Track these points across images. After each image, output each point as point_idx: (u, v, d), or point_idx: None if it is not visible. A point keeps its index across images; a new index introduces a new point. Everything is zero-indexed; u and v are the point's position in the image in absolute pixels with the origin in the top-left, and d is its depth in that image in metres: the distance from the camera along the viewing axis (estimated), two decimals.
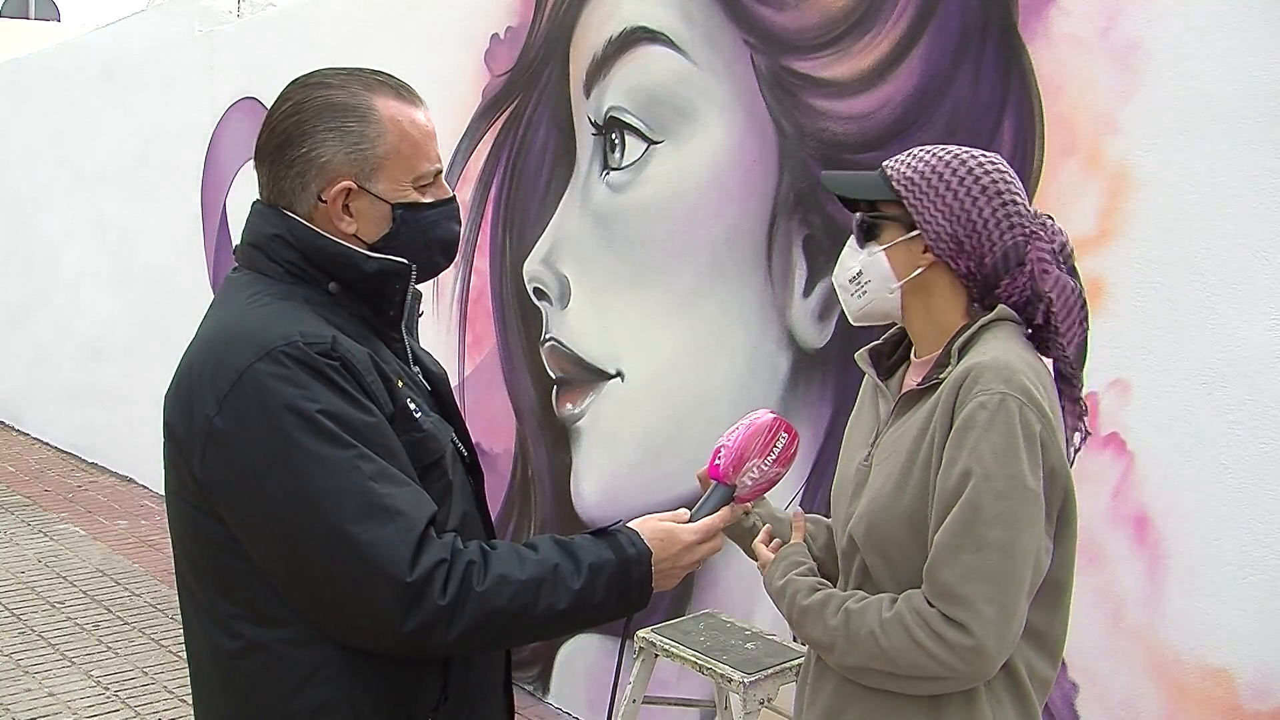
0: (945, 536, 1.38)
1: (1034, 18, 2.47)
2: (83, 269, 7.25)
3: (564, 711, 3.82)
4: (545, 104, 3.75)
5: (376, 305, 1.46)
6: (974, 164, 1.50)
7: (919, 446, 1.46)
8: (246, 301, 1.40)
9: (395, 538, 1.29)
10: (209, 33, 5.91)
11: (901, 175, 1.52)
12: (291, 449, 1.28)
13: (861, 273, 1.56)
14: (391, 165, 1.43)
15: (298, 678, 1.35)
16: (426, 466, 1.42)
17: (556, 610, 1.36)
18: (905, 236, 1.52)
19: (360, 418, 1.33)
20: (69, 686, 3.99)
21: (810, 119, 2.95)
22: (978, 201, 1.48)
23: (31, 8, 24.06)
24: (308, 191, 1.42)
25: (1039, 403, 1.40)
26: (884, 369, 1.66)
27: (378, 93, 1.44)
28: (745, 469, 1.58)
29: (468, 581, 1.32)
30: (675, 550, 1.48)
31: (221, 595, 1.38)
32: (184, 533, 1.42)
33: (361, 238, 1.44)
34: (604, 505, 3.64)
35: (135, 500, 6.44)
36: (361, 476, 1.29)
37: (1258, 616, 2.18)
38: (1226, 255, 2.19)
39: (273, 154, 1.43)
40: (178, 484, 1.40)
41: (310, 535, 1.29)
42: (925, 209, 1.49)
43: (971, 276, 1.51)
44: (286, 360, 1.31)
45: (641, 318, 3.45)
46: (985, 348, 1.46)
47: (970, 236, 1.49)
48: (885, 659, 1.43)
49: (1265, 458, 2.15)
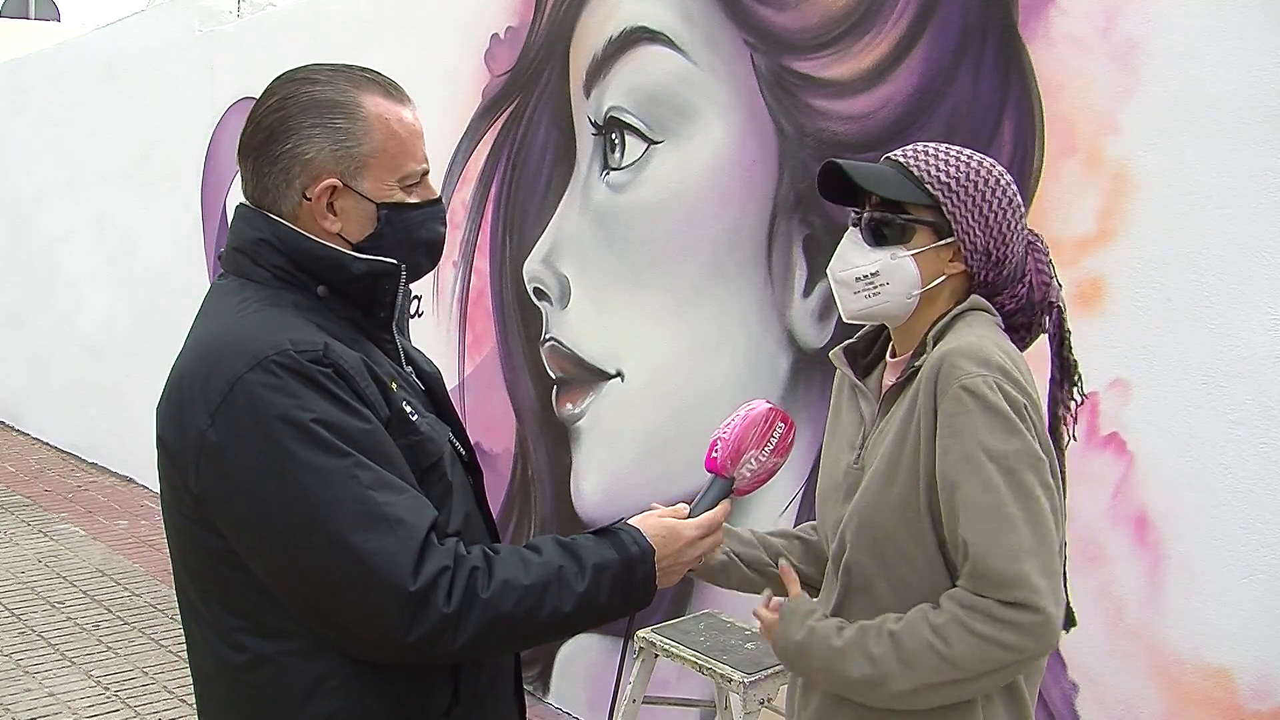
0: (976, 527, 1.37)
1: (1034, 18, 2.47)
2: (83, 269, 7.25)
3: (564, 711, 3.82)
4: (545, 104, 3.75)
5: (366, 307, 1.44)
6: (999, 173, 1.50)
7: (904, 436, 1.46)
8: (235, 309, 1.38)
9: (396, 546, 1.27)
10: (209, 33, 5.91)
11: (936, 179, 1.47)
12: (287, 460, 1.26)
13: (878, 274, 1.50)
14: (377, 164, 1.41)
15: (304, 689, 1.33)
16: (425, 469, 1.41)
17: (562, 613, 1.35)
18: (939, 243, 1.49)
19: (356, 425, 1.30)
20: (69, 686, 3.99)
21: (810, 119, 2.95)
22: (1006, 214, 1.48)
23: (31, 8, 24.06)
24: (292, 189, 1.39)
25: (1016, 379, 1.41)
26: (860, 367, 1.64)
27: (365, 90, 1.41)
28: (743, 460, 1.56)
29: (472, 588, 1.30)
30: (678, 546, 1.47)
31: (223, 608, 1.36)
32: (183, 546, 1.40)
33: (346, 237, 1.42)
34: (604, 505, 3.64)
35: (135, 500, 6.44)
36: (359, 485, 1.27)
37: (1258, 616, 2.18)
38: (1226, 255, 2.19)
39: (257, 149, 1.41)
40: (173, 497, 1.38)
41: (310, 547, 1.27)
42: (964, 218, 1.47)
43: (984, 285, 1.52)
44: (278, 369, 1.28)
45: (641, 318, 3.45)
46: (957, 335, 1.46)
47: (999, 249, 1.49)
48: (950, 666, 1.38)
49: (1266, 458, 2.15)
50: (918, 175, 1.48)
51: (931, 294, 1.51)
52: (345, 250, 1.41)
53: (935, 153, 1.50)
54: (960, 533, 1.39)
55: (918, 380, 1.46)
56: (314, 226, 1.41)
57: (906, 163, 1.50)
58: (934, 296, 1.52)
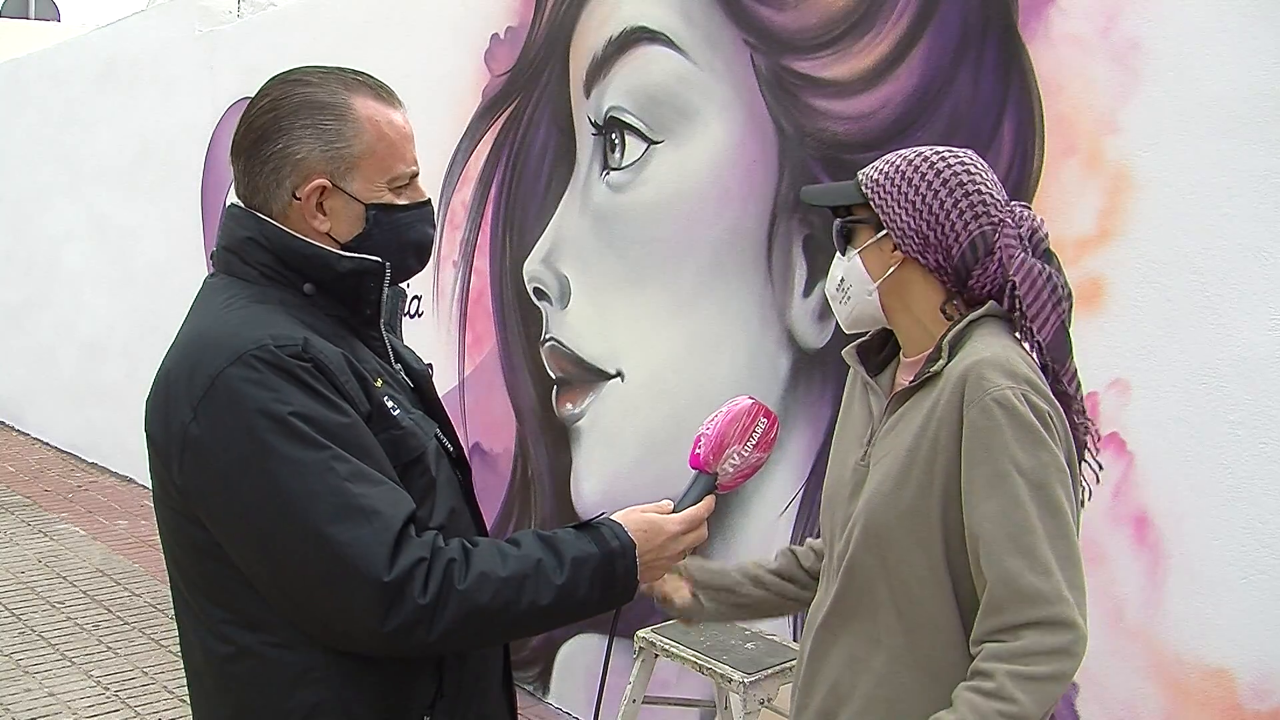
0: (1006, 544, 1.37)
1: (1034, 18, 2.47)
2: (83, 269, 7.25)
3: (564, 711, 3.82)
4: (545, 104, 3.75)
5: (352, 304, 1.46)
6: (936, 159, 1.52)
7: (919, 444, 1.46)
8: (221, 306, 1.40)
9: (371, 538, 1.28)
10: (209, 33, 5.91)
11: (869, 179, 1.55)
12: (265, 452, 1.28)
13: (844, 279, 1.59)
14: (367, 165, 1.42)
15: (287, 680, 1.35)
16: (407, 464, 1.42)
17: (539, 606, 1.36)
18: (875, 238, 1.55)
19: (334, 418, 1.32)
20: (69, 686, 3.99)
21: (810, 119, 2.95)
22: (939, 194, 1.50)
23: (31, 8, 24.05)
24: (282, 188, 1.41)
25: (1043, 390, 1.43)
26: (873, 365, 1.66)
27: (356, 92, 1.43)
28: (726, 456, 1.57)
29: (449, 579, 1.31)
30: (660, 541, 1.47)
31: (210, 600, 1.38)
32: (171, 539, 1.42)
33: (335, 237, 1.44)
34: (604, 505, 3.64)
35: (135, 500, 6.44)
36: (336, 478, 1.29)
37: (1258, 616, 2.18)
38: (1226, 255, 2.19)
39: (249, 149, 1.42)
40: (161, 491, 1.40)
41: (286, 538, 1.28)
42: (890, 207, 1.52)
43: (942, 270, 1.52)
44: (257, 364, 1.30)
45: (641, 318, 3.45)
46: (979, 344, 1.46)
47: (935, 229, 1.50)
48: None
49: (1265, 458, 2.15)
50: (859, 179, 1.56)
51: (897, 288, 1.54)
52: (331, 249, 1.43)
53: (888, 157, 1.56)
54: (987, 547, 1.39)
55: (937, 388, 1.46)
56: (303, 226, 1.43)
57: (859, 172, 1.58)
58: (901, 290, 1.55)
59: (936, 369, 1.47)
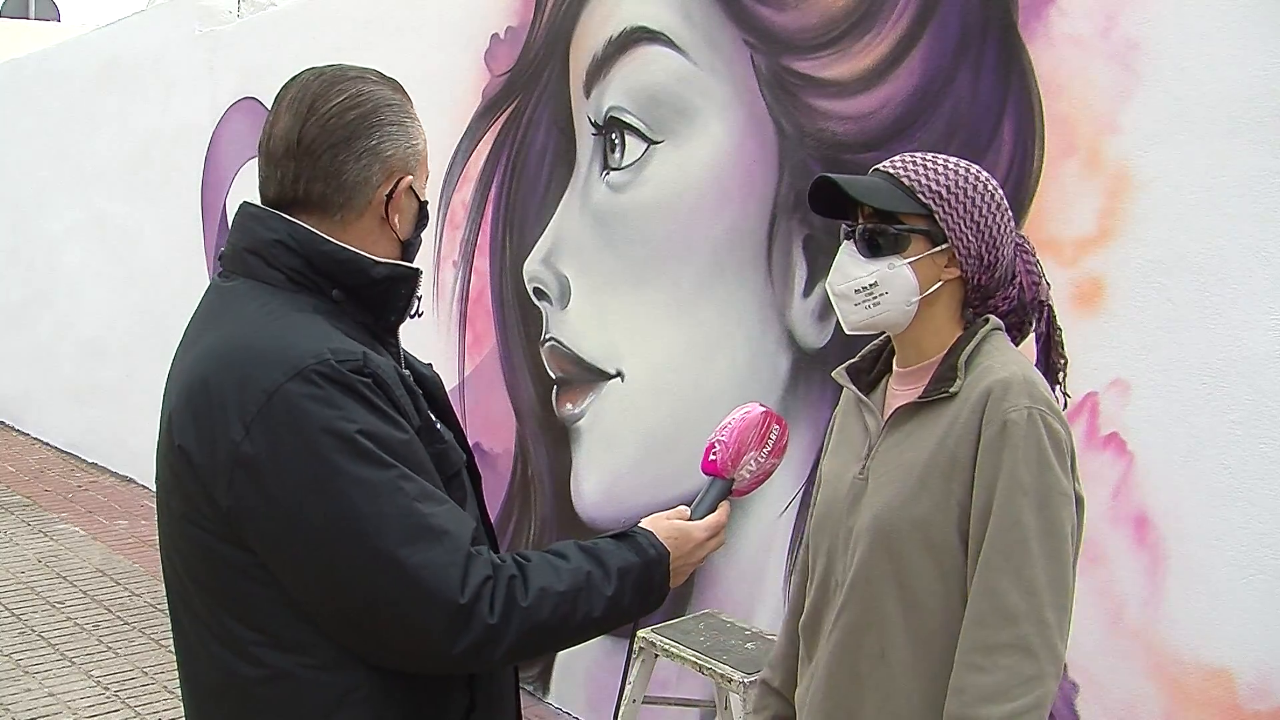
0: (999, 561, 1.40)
1: (1034, 18, 2.47)
2: (83, 269, 7.25)
3: (564, 711, 3.82)
4: (545, 104, 3.75)
5: (379, 311, 1.42)
6: (986, 178, 1.54)
7: (936, 460, 1.47)
8: (259, 314, 1.33)
9: (445, 559, 1.26)
10: (209, 33, 5.91)
11: (928, 189, 1.50)
12: (332, 473, 1.23)
13: (876, 284, 1.52)
14: (422, 164, 1.45)
15: (328, 703, 1.31)
16: (449, 477, 1.40)
17: (592, 618, 1.36)
18: (933, 250, 1.51)
19: (397, 436, 1.29)
20: (69, 686, 4.00)
21: (810, 119, 2.95)
22: (996, 217, 1.52)
23: (31, 8, 24.05)
24: (369, 185, 1.37)
25: (1059, 413, 1.46)
26: (864, 384, 1.67)
27: (399, 91, 1.44)
28: (743, 462, 1.60)
29: (512, 597, 1.29)
30: (689, 548, 1.49)
31: (240, 622, 1.31)
32: (195, 559, 1.34)
33: (399, 235, 1.42)
34: (604, 505, 3.64)
35: (135, 500, 6.44)
36: (406, 498, 1.25)
37: (1258, 616, 2.18)
38: (1226, 255, 2.19)
39: (333, 146, 1.35)
40: (188, 509, 1.31)
41: (355, 561, 1.24)
42: (957, 224, 1.50)
43: (979, 288, 1.55)
44: (319, 379, 1.25)
45: (641, 318, 3.45)
46: (996, 361, 1.49)
47: (991, 252, 1.52)
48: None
49: (1266, 458, 2.15)
50: (909, 185, 1.51)
51: (929, 299, 1.54)
52: (364, 253, 1.39)
53: (924, 162, 1.53)
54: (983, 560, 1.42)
55: (956, 405, 1.47)
56: (372, 225, 1.40)
57: (896, 173, 1.53)
58: (932, 301, 1.54)
59: (954, 390, 1.48)
